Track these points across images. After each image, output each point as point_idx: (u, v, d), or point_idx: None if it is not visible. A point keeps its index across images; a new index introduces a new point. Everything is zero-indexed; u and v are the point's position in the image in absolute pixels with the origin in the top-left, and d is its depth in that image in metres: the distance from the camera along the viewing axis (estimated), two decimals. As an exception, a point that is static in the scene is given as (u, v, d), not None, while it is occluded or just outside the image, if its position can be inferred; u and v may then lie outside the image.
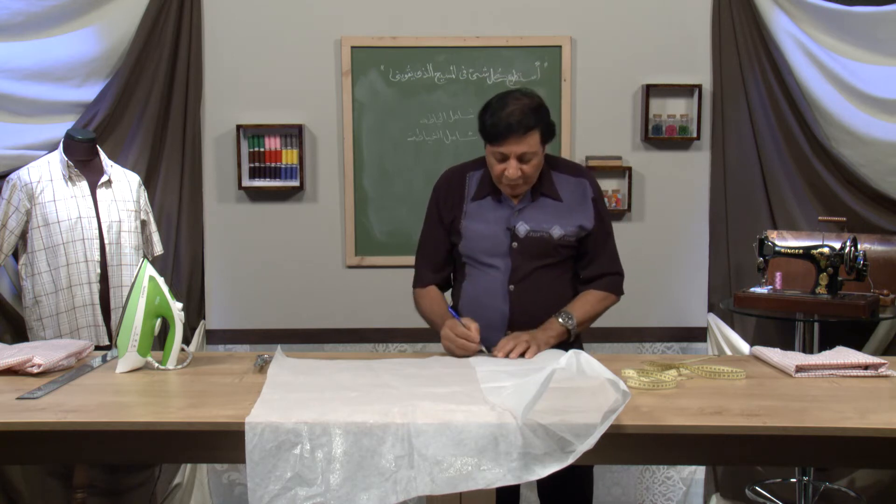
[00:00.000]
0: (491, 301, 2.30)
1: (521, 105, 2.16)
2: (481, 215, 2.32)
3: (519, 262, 2.28)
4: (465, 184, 2.36)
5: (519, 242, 2.28)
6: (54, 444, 1.69)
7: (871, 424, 1.63)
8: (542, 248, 2.27)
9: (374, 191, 3.47)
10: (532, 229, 2.27)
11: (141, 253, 3.07)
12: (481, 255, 2.32)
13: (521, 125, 2.13)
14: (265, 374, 1.96)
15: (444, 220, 2.36)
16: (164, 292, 2.08)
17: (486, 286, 2.31)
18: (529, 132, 2.15)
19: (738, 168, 3.42)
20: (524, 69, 3.41)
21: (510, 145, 2.16)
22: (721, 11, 3.37)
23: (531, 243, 2.27)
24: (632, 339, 3.52)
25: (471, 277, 2.35)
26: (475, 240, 2.31)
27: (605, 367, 1.67)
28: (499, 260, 2.29)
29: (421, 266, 2.43)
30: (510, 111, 2.14)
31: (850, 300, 2.88)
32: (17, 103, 3.09)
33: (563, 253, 2.30)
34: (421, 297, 2.41)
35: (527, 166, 2.19)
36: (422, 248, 2.44)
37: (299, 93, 3.43)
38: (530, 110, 2.16)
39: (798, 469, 3.19)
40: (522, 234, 2.27)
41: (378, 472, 1.58)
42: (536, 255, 2.28)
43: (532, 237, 2.27)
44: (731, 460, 2.31)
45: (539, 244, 2.27)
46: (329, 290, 3.51)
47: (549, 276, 2.30)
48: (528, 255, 2.28)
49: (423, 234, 2.43)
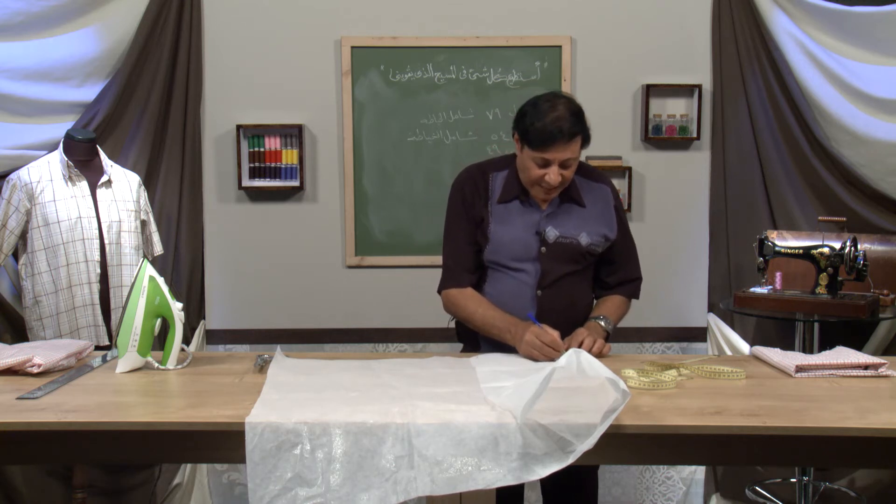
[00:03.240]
0: (518, 305, 2.26)
1: (568, 111, 2.14)
2: (509, 219, 2.28)
3: (548, 267, 2.27)
4: (488, 184, 2.32)
5: (548, 248, 2.27)
6: (54, 444, 1.69)
7: (871, 424, 1.63)
8: (570, 255, 2.28)
9: (374, 191, 3.47)
10: (561, 235, 2.27)
11: (141, 253, 3.07)
12: (509, 260, 2.29)
13: (569, 131, 2.12)
14: (265, 374, 1.96)
15: (474, 219, 2.31)
16: (164, 292, 2.08)
17: (513, 290, 2.29)
18: (574, 138, 2.14)
19: (738, 168, 3.42)
20: (524, 69, 3.41)
21: (556, 151, 2.14)
22: (721, 11, 3.37)
23: (560, 249, 2.27)
24: (632, 339, 3.52)
25: (494, 280, 2.32)
26: (503, 244, 2.27)
27: (605, 367, 1.67)
28: (527, 264, 2.28)
29: (454, 265, 2.33)
30: (558, 116, 2.12)
31: (850, 300, 2.88)
32: (17, 103, 3.10)
33: (588, 260, 2.33)
34: (464, 298, 2.30)
35: (567, 171, 2.18)
36: (452, 246, 2.34)
37: (299, 93, 3.43)
38: (576, 116, 2.15)
39: (798, 469, 3.19)
40: (552, 240, 2.27)
41: (378, 473, 1.58)
42: (565, 262, 2.28)
43: (561, 243, 2.27)
44: (731, 460, 2.31)
45: (567, 250, 2.28)
46: (329, 290, 3.51)
47: (575, 282, 2.32)
48: (557, 261, 2.27)
49: (450, 232, 2.35)
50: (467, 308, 2.29)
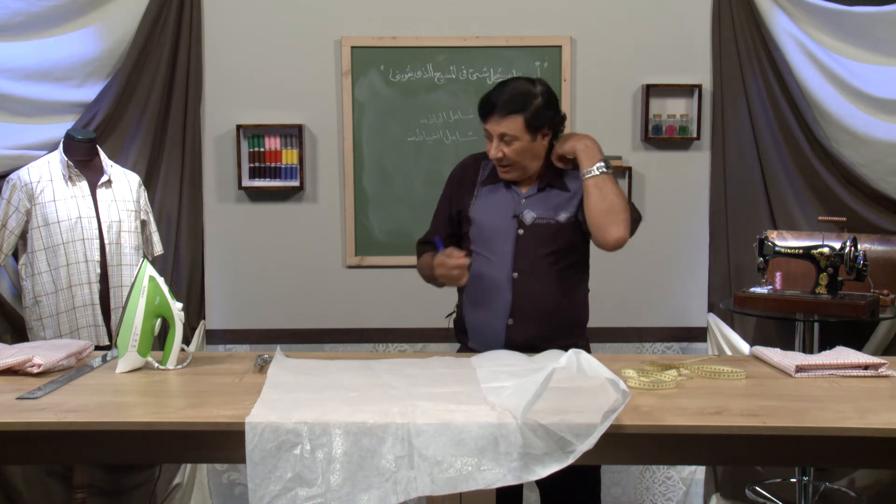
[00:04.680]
0: (494, 289, 2.30)
1: (513, 88, 2.23)
2: (490, 203, 2.34)
3: (523, 250, 2.28)
4: (479, 170, 2.40)
5: (525, 230, 2.29)
6: (54, 444, 1.69)
7: (871, 424, 1.63)
8: (549, 235, 2.27)
9: (374, 191, 3.47)
10: (538, 216, 2.28)
11: (141, 253, 3.07)
12: (488, 242, 2.33)
13: (503, 106, 2.20)
14: (265, 374, 1.96)
15: (453, 205, 2.41)
16: (164, 292, 2.08)
17: (491, 274, 2.31)
18: (510, 115, 2.20)
19: (738, 168, 3.42)
20: (524, 69, 3.41)
21: (492, 124, 2.23)
22: (721, 11, 3.37)
23: (538, 231, 2.28)
24: (632, 339, 3.52)
25: (477, 264, 2.35)
26: (483, 227, 2.34)
27: (605, 367, 1.67)
28: (504, 248, 2.30)
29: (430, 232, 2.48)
30: (500, 91, 2.23)
31: (850, 300, 2.88)
32: (17, 103, 3.10)
33: (568, 236, 2.29)
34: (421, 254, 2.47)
35: (508, 149, 2.23)
36: (433, 221, 2.50)
37: (299, 93, 3.43)
38: (519, 94, 2.21)
39: (798, 469, 3.19)
40: (528, 222, 2.28)
41: (378, 473, 1.58)
42: (542, 243, 2.28)
43: (538, 224, 2.28)
44: (731, 460, 2.32)
45: (546, 231, 2.28)
46: (329, 290, 3.51)
47: (554, 266, 2.29)
48: (534, 243, 2.28)
49: (435, 211, 2.50)
50: (420, 262, 2.46)
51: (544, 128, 2.24)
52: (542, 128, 2.24)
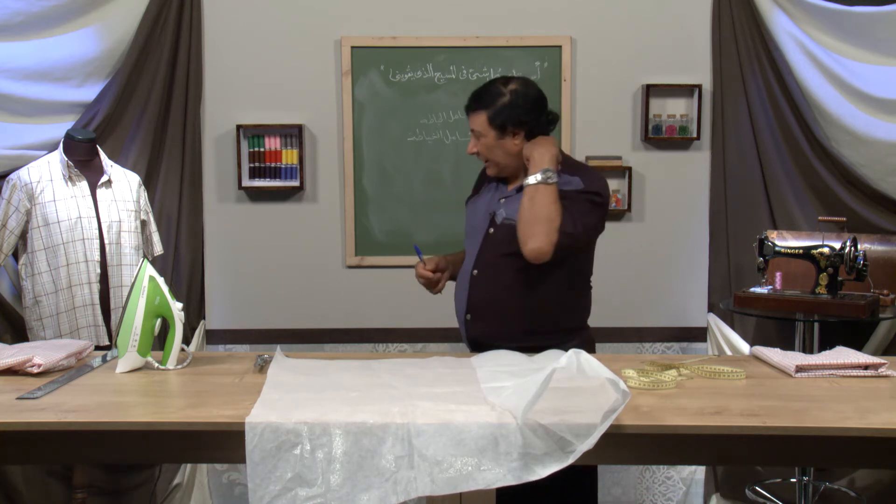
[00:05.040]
0: (461, 284, 2.37)
1: (484, 85, 2.29)
2: (479, 201, 2.42)
3: (489, 248, 2.31)
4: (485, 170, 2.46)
5: (495, 229, 2.31)
6: (54, 444, 1.69)
7: (871, 424, 1.63)
8: (511, 236, 2.22)
9: (374, 191, 3.47)
10: (507, 216, 2.28)
11: (141, 253, 3.07)
12: (469, 238, 2.39)
13: (470, 103, 2.29)
14: (265, 374, 1.96)
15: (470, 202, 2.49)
16: (164, 292, 2.08)
17: (464, 269, 2.38)
18: (476, 112, 2.26)
19: (738, 168, 3.42)
20: (524, 69, 3.41)
21: (469, 119, 2.30)
22: (721, 11, 3.37)
23: (504, 230, 2.28)
24: (632, 339, 3.52)
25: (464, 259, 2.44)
26: (468, 223, 2.42)
27: (605, 367, 1.67)
28: (475, 244, 2.35)
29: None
30: (477, 89, 2.29)
31: (850, 300, 2.88)
32: (17, 103, 3.10)
33: None
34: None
35: (479, 144, 2.29)
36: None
37: (299, 93, 3.43)
38: (486, 92, 2.27)
39: (798, 469, 3.19)
40: (499, 221, 2.30)
41: (378, 473, 1.58)
42: (506, 243, 2.25)
43: (506, 224, 2.28)
44: (731, 460, 2.31)
45: (510, 231, 2.23)
46: (329, 290, 3.51)
47: (515, 267, 2.24)
48: (498, 242, 2.29)
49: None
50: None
51: (510, 126, 2.24)
52: (506, 126, 2.24)
